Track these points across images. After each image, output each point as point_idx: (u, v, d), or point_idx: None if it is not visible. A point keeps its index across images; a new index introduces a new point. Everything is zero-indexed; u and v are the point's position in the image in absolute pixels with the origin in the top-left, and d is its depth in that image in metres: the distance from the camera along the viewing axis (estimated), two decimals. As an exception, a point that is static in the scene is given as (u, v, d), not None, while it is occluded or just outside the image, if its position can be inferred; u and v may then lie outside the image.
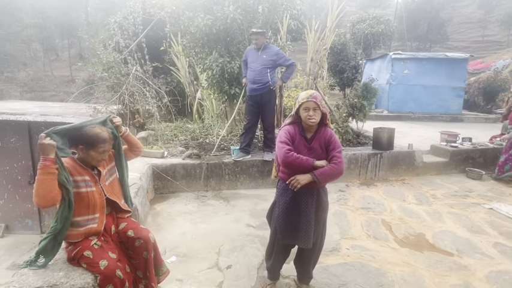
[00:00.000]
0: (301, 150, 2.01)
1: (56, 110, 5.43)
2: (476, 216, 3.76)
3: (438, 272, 2.62)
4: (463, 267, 2.71)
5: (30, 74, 23.97)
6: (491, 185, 5.01)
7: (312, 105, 1.95)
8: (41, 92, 22.57)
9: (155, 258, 2.02)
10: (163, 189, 4.22)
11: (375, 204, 4.06)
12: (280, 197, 2.12)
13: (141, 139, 4.84)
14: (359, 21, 20.07)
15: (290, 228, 2.09)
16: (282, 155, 1.94)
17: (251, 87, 4.26)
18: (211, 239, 3.05)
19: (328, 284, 2.40)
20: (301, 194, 2.04)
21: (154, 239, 2.03)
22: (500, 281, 2.52)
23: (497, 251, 2.99)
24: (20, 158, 5.20)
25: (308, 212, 2.04)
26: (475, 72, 16.96)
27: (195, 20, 4.97)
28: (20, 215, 5.40)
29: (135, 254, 1.97)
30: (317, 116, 1.97)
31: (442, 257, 2.85)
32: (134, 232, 1.97)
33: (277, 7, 5.75)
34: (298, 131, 2.06)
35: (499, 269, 2.69)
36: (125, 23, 8.41)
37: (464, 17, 43.29)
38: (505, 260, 2.84)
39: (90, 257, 1.79)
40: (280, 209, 2.11)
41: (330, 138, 2.02)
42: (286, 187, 2.08)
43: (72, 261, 1.85)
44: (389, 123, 9.28)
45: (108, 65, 5.06)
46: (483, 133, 7.69)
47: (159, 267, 2.07)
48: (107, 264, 1.76)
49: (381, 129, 5.26)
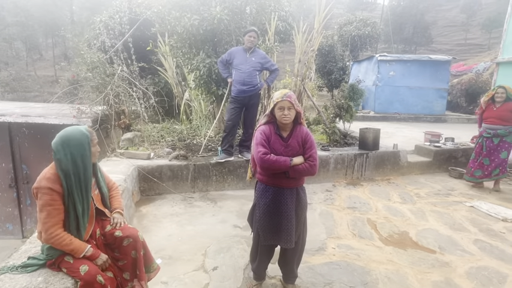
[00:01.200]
0: (277, 149, 2.02)
1: (38, 111, 5.28)
2: (458, 214, 3.86)
3: (421, 269, 2.68)
4: (444, 264, 2.78)
5: (12, 73, 23.23)
6: (472, 183, 5.16)
7: (287, 104, 1.96)
8: (24, 93, 21.93)
9: (145, 255, 2.02)
10: (149, 191, 4.17)
11: (361, 204, 4.12)
12: (260, 199, 2.13)
13: (126, 140, 4.77)
14: (346, 23, 20.38)
15: (272, 229, 2.10)
16: (259, 159, 1.96)
17: (240, 89, 4.22)
18: (198, 240, 3.03)
19: (313, 283, 2.42)
20: (281, 194, 2.06)
21: (143, 238, 2.02)
22: (479, 277, 2.60)
23: (477, 247, 3.08)
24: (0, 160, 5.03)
25: (289, 212, 2.05)
26: (457, 74, 17.48)
27: (181, 20, 4.93)
28: (0, 219, 5.23)
29: (122, 254, 1.94)
30: (291, 115, 1.99)
31: (425, 255, 2.92)
32: (122, 232, 1.94)
33: (265, 8, 5.78)
34: (274, 130, 2.07)
35: (478, 265, 2.77)
36: (110, 22, 8.26)
37: (448, 21, 44.59)
38: (485, 256, 2.93)
39: (70, 262, 1.75)
40: (261, 210, 2.11)
41: (307, 136, 2.05)
42: (265, 188, 2.09)
43: (52, 266, 1.80)
44: (375, 123, 9.46)
45: (92, 65, 4.95)
46: (465, 133, 7.91)
47: (150, 264, 2.08)
48: (87, 269, 1.72)
49: (366, 129, 5.34)
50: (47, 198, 1.68)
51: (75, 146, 1.74)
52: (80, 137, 1.77)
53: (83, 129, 1.81)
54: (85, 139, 1.78)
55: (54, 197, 1.69)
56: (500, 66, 6.49)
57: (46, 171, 1.75)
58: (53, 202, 1.69)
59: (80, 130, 1.80)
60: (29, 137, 5.02)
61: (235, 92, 4.29)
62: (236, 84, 4.26)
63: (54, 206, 1.70)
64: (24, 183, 5.17)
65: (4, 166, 5.07)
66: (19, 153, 5.08)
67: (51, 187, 1.69)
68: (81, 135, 1.78)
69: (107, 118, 4.79)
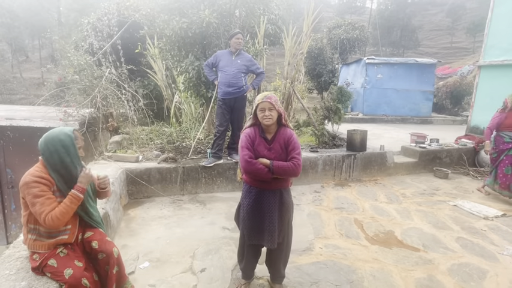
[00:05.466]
0: (261, 151, 2.05)
1: (23, 114, 5.18)
2: (442, 213, 3.97)
3: (405, 267, 2.74)
4: (427, 261, 2.85)
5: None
6: (456, 183, 5.31)
7: (267, 105, 2.00)
8: (9, 95, 21.45)
9: (118, 274, 1.94)
10: (137, 194, 4.14)
11: (348, 204, 4.19)
12: (244, 199, 2.16)
13: (114, 143, 4.73)
14: (335, 26, 20.69)
15: (255, 229, 2.13)
16: (244, 162, 1.99)
17: (226, 91, 4.24)
18: (186, 243, 3.03)
19: (300, 283, 2.45)
20: (264, 195, 2.09)
21: (118, 253, 1.96)
22: (461, 273, 2.68)
23: (459, 245, 3.17)
24: (-17, 164, 4.91)
25: (271, 213, 2.08)
26: (443, 77, 17.95)
27: (170, 23, 4.94)
28: (-16, 225, 5.09)
29: (98, 266, 1.92)
30: (273, 116, 2.02)
31: (409, 253, 2.99)
32: (98, 244, 1.91)
33: (254, 11, 5.82)
34: (258, 132, 2.10)
35: (460, 262, 2.85)
36: (99, 24, 8.19)
37: (434, 25, 45.70)
38: (466, 253, 3.02)
39: (55, 266, 1.74)
40: (244, 210, 2.15)
41: (290, 138, 2.07)
42: (249, 189, 2.13)
43: (36, 271, 1.80)
44: (364, 125, 9.61)
45: (79, 67, 4.89)
46: (450, 134, 8.12)
47: (122, 285, 2.00)
48: (72, 272, 1.72)
49: (354, 131, 5.43)
50: (35, 191, 1.70)
51: (61, 146, 1.78)
52: (64, 138, 1.79)
53: (67, 131, 1.84)
54: (70, 140, 1.81)
55: (42, 188, 1.72)
56: (482, 70, 6.71)
57: (31, 169, 1.79)
58: (42, 193, 1.71)
59: (64, 131, 1.83)
60: (13, 140, 4.91)
61: (221, 94, 4.30)
62: (222, 86, 4.27)
63: (45, 196, 1.71)
64: (8, 188, 5.06)
65: (-12, 170, 4.95)
66: (3, 157, 4.97)
67: (37, 180, 1.72)
68: (65, 136, 1.80)
69: (94, 121, 4.74)
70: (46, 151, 1.77)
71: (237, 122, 4.50)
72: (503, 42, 6.32)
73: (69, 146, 1.80)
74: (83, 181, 1.83)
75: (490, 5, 6.59)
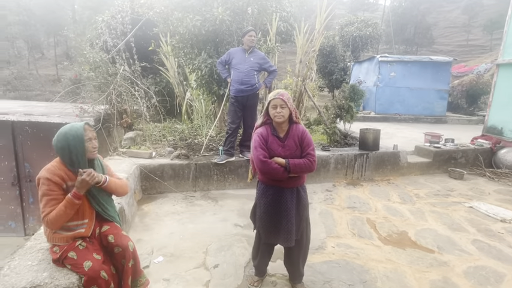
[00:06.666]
0: (274, 149, 2.04)
1: (40, 110, 5.32)
2: (457, 215, 3.89)
3: (419, 268, 2.70)
4: (442, 263, 2.80)
5: (13, 72, 23.31)
6: (472, 184, 5.19)
7: (279, 102, 1.99)
8: (25, 91, 22.02)
9: (133, 267, 1.97)
10: (151, 189, 4.21)
11: (361, 204, 4.15)
12: (260, 199, 2.16)
13: (128, 139, 4.81)
14: (347, 24, 20.42)
15: (272, 228, 2.12)
16: (258, 162, 1.98)
17: (238, 88, 4.25)
18: (199, 238, 3.07)
19: (313, 282, 2.45)
20: (281, 194, 2.08)
21: (133, 247, 1.98)
22: (477, 276, 2.63)
23: (475, 247, 3.11)
24: (3, 158, 5.07)
25: (288, 212, 2.07)
26: (458, 76, 17.49)
27: (184, 20, 4.97)
28: (3, 217, 5.27)
29: (114, 259, 1.95)
30: (285, 113, 2.01)
31: (423, 254, 2.95)
32: (114, 238, 1.94)
33: (266, 9, 5.81)
34: (270, 131, 2.09)
35: (476, 265, 2.79)
36: (113, 22, 8.31)
37: (449, 22, 44.52)
38: (483, 256, 2.95)
39: (75, 258, 1.79)
40: (261, 210, 2.15)
41: (303, 134, 2.07)
42: (266, 188, 2.12)
43: (57, 263, 1.84)
44: (376, 124, 9.49)
45: (95, 64, 4.98)
46: (465, 134, 7.94)
47: (137, 278, 2.01)
48: (91, 265, 1.76)
49: (367, 130, 5.37)
50: (44, 188, 1.75)
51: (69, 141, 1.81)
52: (72, 133, 1.82)
53: (78, 126, 1.86)
54: (77, 135, 1.82)
55: (51, 187, 1.76)
56: (501, 68, 6.51)
57: (47, 165, 1.83)
58: (50, 192, 1.75)
59: (75, 126, 1.85)
60: (31, 135, 5.06)
61: (234, 92, 4.32)
62: (234, 84, 4.29)
63: (51, 196, 1.75)
64: (26, 182, 5.22)
65: (7, 164, 5.11)
66: (22, 152, 5.12)
67: (49, 177, 1.76)
68: (75, 131, 1.83)
69: (109, 117, 4.83)
70: (57, 146, 1.82)
71: (249, 119, 4.51)
72: (524, 39, 6.12)
73: (76, 141, 1.81)
74: (79, 186, 1.76)
75: (510, 1, 6.37)
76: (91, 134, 1.90)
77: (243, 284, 2.39)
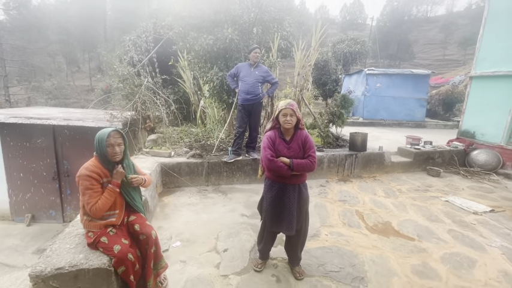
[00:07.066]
0: (281, 150, 2.06)
1: (77, 115, 5.38)
2: (435, 208, 3.85)
3: (401, 254, 2.68)
4: (422, 250, 2.78)
5: (54, 83, 23.63)
6: (447, 181, 5.13)
7: (289, 111, 2.01)
8: (64, 100, 22.33)
9: (155, 253, 1.97)
10: (170, 184, 4.23)
11: (350, 197, 4.12)
12: (267, 193, 2.17)
13: (151, 141, 4.84)
14: (339, 41, 20.33)
15: (276, 219, 2.13)
16: (266, 160, 2.00)
17: (245, 98, 4.26)
18: (211, 226, 3.08)
19: (309, 265, 2.44)
20: (285, 189, 2.08)
21: (156, 236, 1.99)
22: (452, 262, 2.60)
23: (451, 236, 3.07)
24: (45, 156, 5.14)
25: (291, 205, 2.08)
26: (436, 86, 17.28)
27: (199, 39, 5.00)
28: (45, 206, 5.34)
29: (139, 245, 1.96)
30: (293, 121, 2.03)
31: (405, 242, 2.92)
32: (140, 227, 1.95)
33: (269, 29, 5.82)
34: (278, 134, 2.11)
35: (452, 252, 2.76)
36: (138, 41, 8.40)
37: (428, 39, 44.13)
38: (457, 244, 2.92)
39: (106, 242, 1.81)
40: (267, 202, 2.15)
41: (306, 138, 2.08)
42: (272, 184, 2.12)
43: (91, 246, 1.87)
44: (364, 128, 9.42)
45: (123, 77, 5.03)
46: (442, 137, 7.84)
47: (158, 262, 2.01)
48: (120, 248, 1.78)
49: (356, 133, 5.33)
50: (86, 184, 1.77)
51: (97, 143, 1.84)
52: (100, 138, 1.84)
53: (105, 132, 1.84)
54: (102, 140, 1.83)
55: (92, 182, 1.78)
56: (473, 80, 6.42)
57: (86, 163, 1.85)
58: (91, 186, 1.77)
59: (102, 132, 1.85)
60: (69, 137, 5.12)
61: (241, 100, 4.33)
62: (241, 94, 4.31)
63: (93, 189, 1.78)
64: (65, 177, 5.28)
65: (49, 162, 5.18)
66: (61, 151, 5.19)
67: (88, 174, 1.78)
68: (101, 137, 1.84)
69: (135, 122, 4.87)
70: (95, 146, 1.85)
71: (254, 124, 4.51)
72: (494, 55, 6.02)
73: (100, 145, 1.83)
74: (115, 177, 1.87)
75: (482, 22, 6.29)
76: (114, 140, 1.85)
77: (248, 266, 2.40)
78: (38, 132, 5.05)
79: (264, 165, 2.07)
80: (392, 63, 37.53)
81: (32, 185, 5.26)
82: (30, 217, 5.28)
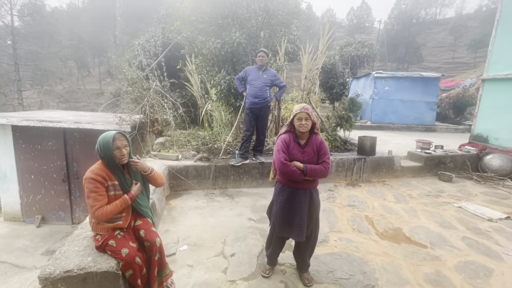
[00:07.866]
0: (295, 154, 2.03)
1: (87, 119, 5.47)
2: (447, 214, 3.74)
3: (413, 262, 2.60)
4: (435, 257, 2.69)
5: (65, 87, 24.24)
6: (460, 186, 4.99)
7: (304, 115, 1.99)
8: (75, 103, 22.84)
9: (159, 260, 1.94)
10: (177, 187, 4.23)
11: (359, 202, 4.05)
12: (277, 197, 2.13)
13: (159, 144, 4.88)
14: (346, 45, 20.24)
15: (286, 224, 2.09)
16: (279, 163, 1.96)
17: (252, 101, 4.25)
18: (218, 230, 3.05)
19: (318, 271, 2.39)
20: (296, 194, 2.05)
21: (160, 243, 1.96)
22: (467, 270, 2.50)
23: (465, 244, 2.97)
24: (55, 159, 5.23)
25: (301, 210, 2.03)
26: (446, 89, 16.98)
27: (206, 43, 5.03)
28: (55, 208, 5.41)
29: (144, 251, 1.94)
30: (308, 125, 2.01)
31: (417, 249, 2.83)
32: (145, 233, 1.93)
33: (276, 33, 5.82)
34: (293, 138, 2.08)
35: (466, 260, 2.67)
36: (147, 45, 8.54)
37: (437, 42, 43.54)
38: (472, 252, 2.82)
39: (114, 246, 1.80)
40: (277, 207, 2.11)
41: (321, 144, 2.05)
42: (282, 188, 2.09)
43: (99, 249, 1.87)
44: (372, 132, 9.30)
45: (132, 80, 5.10)
46: (453, 141, 7.66)
47: (162, 269, 1.99)
48: (127, 251, 1.77)
49: (364, 137, 5.26)
50: (91, 187, 1.76)
51: (102, 147, 1.82)
52: (105, 141, 1.82)
53: (109, 135, 1.83)
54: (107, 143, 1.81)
55: (96, 185, 1.77)
56: (486, 83, 6.27)
57: (92, 166, 1.85)
58: (96, 189, 1.77)
59: (107, 135, 1.84)
60: (79, 140, 5.20)
61: (248, 104, 4.32)
62: (249, 97, 4.29)
63: (98, 192, 1.77)
64: (74, 179, 5.36)
65: (59, 164, 5.27)
66: (71, 154, 5.27)
67: (93, 177, 1.77)
68: (106, 140, 1.82)
69: (143, 125, 4.92)
70: (96, 150, 1.84)
71: (261, 127, 4.49)
72: (507, 57, 5.88)
73: (105, 148, 1.80)
74: (134, 190, 1.94)
75: (494, 24, 6.16)
76: (120, 143, 1.84)
77: (256, 272, 2.36)
78: (49, 134, 5.15)
79: (276, 168, 2.04)
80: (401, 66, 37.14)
81: (43, 187, 5.35)
82: (40, 218, 5.36)
